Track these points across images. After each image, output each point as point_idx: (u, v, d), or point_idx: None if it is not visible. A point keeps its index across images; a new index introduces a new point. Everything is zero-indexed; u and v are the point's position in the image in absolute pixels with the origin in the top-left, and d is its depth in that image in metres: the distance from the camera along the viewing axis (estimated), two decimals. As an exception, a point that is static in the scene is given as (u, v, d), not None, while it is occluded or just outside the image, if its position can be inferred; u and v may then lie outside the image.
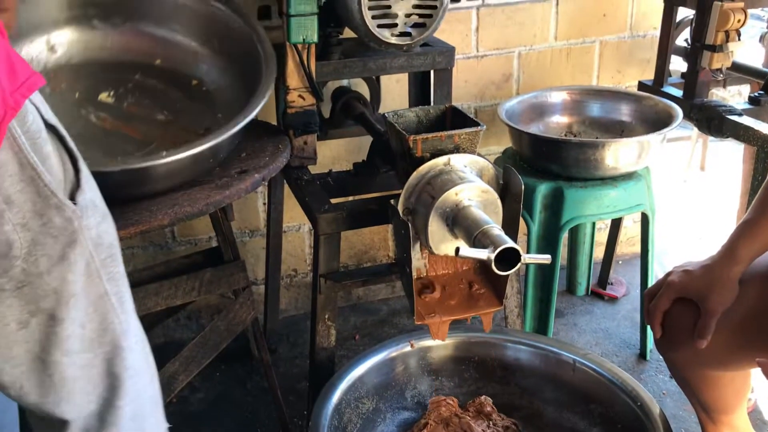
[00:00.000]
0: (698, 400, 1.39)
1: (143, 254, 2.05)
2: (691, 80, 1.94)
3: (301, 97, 1.54)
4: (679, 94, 1.98)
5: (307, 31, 1.46)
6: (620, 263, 2.46)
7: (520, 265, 1.12)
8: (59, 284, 0.86)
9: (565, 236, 1.81)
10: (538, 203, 1.77)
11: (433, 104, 1.70)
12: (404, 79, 1.92)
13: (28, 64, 0.84)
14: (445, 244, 1.25)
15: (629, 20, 2.22)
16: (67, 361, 0.90)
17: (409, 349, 1.55)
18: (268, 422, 1.85)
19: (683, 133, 2.95)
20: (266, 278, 2.05)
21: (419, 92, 1.80)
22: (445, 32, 1.91)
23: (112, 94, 1.44)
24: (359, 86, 1.83)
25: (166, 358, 1.42)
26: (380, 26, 1.48)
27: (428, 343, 1.55)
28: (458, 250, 1.11)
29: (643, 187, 1.81)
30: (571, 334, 2.15)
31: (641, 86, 2.09)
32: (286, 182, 1.73)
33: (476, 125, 1.31)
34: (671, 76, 2.07)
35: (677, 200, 2.85)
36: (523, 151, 1.83)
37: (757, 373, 1.16)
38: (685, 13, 2.01)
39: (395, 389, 1.54)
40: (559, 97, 2.00)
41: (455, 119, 1.39)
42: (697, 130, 2.01)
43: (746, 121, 1.79)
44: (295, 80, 1.52)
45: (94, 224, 0.89)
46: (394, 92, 2.02)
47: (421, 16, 1.50)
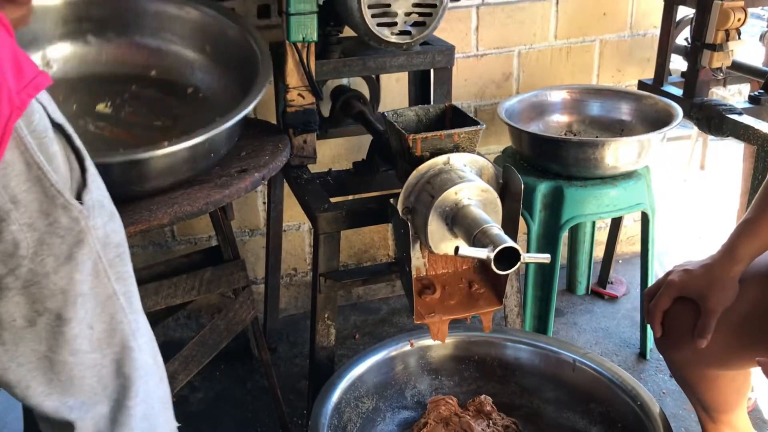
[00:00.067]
0: (698, 399, 1.39)
1: (143, 253, 2.05)
2: (691, 79, 1.94)
3: (300, 95, 1.54)
4: (679, 93, 1.98)
5: (306, 29, 1.46)
6: (620, 262, 2.46)
7: (519, 264, 1.12)
8: (66, 284, 0.86)
9: (564, 235, 1.81)
10: (537, 202, 1.77)
11: (432, 103, 1.69)
12: (404, 78, 1.92)
13: (34, 63, 0.83)
14: (444, 243, 1.25)
15: (629, 19, 2.22)
16: (74, 360, 0.89)
17: (408, 348, 1.55)
18: (267, 421, 1.85)
19: (683, 132, 2.93)
20: (266, 277, 2.04)
21: (419, 91, 1.80)
22: (444, 31, 1.91)
23: (109, 104, 1.45)
24: (359, 85, 1.82)
25: (165, 357, 1.38)
26: (380, 25, 1.48)
27: (428, 342, 1.54)
28: (458, 249, 1.11)
29: (643, 186, 1.81)
30: (571, 333, 2.15)
31: (641, 85, 2.09)
32: (285, 181, 1.73)
33: (476, 124, 1.31)
34: (671, 75, 2.07)
35: (677, 199, 2.84)
36: (522, 150, 1.83)
37: (757, 372, 1.16)
38: (685, 12, 2.01)
39: (395, 388, 1.54)
40: (559, 96, 1.99)
41: (455, 118, 1.39)
42: (697, 129, 2.01)
43: (746, 120, 1.79)
44: (294, 79, 1.52)
45: (101, 224, 0.88)
46: (393, 91, 2.02)
47: (420, 14, 1.50)
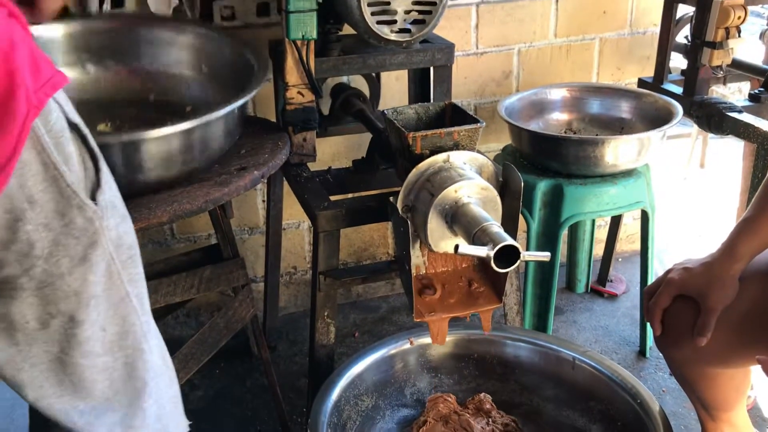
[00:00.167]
0: (698, 397, 1.39)
1: (142, 251, 2.00)
2: (691, 77, 1.94)
3: (300, 93, 1.54)
4: (679, 91, 1.97)
5: (306, 27, 1.45)
6: (620, 260, 2.46)
7: (519, 262, 1.12)
8: (80, 285, 0.85)
9: (564, 233, 1.81)
10: (537, 200, 1.77)
11: (432, 101, 1.69)
12: (404, 76, 1.92)
13: (51, 62, 0.82)
14: (444, 241, 1.25)
15: (629, 17, 2.22)
16: (86, 363, 0.89)
17: (408, 346, 1.55)
18: (267, 419, 1.85)
19: (683, 130, 2.94)
20: (266, 275, 2.04)
21: (419, 89, 1.79)
22: (444, 29, 1.90)
23: (109, 125, 1.46)
24: (358, 83, 1.82)
25: (165, 355, 1.41)
26: (379, 23, 1.48)
27: (427, 340, 1.54)
28: (457, 247, 1.11)
29: (642, 184, 1.81)
30: (570, 331, 2.15)
31: (641, 83, 2.09)
32: (285, 179, 1.73)
33: (476, 122, 1.31)
34: (671, 73, 2.07)
35: (677, 197, 2.84)
36: (522, 148, 1.83)
37: (756, 370, 1.16)
38: (685, 10, 2.01)
39: (394, 386, 1.54)
40: (558, 94, 1.99)
41: (455, 116, 1.39)
42: (697, 127, 2.01)
43: (746, 118, 1.78)
44: (294, 77, 1.52)
45: (114, 225, 0.88)
46: (393, 89, 2.01)
47: (420, 12, 1.50)
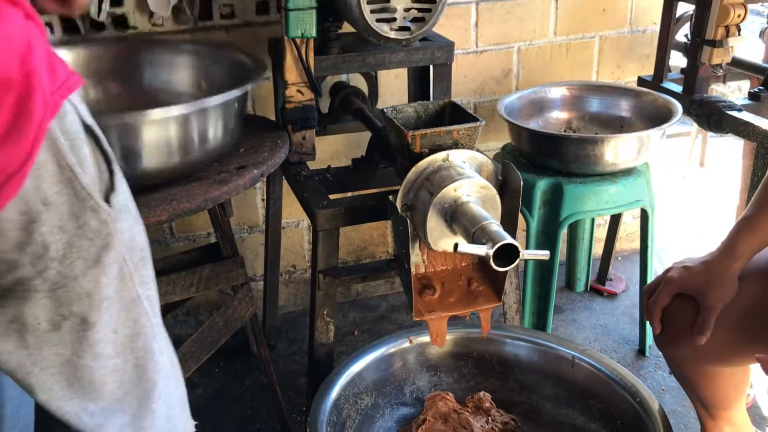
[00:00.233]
0: (697, 395, 1.39)
1: (142, 250, 2.04)
2: (690, 76, 1.94)
3: (299, 92, 1.53)
4: (678, 89, 1.97)
5: (305, 25, 1.45)
6: (619, 259, 2.46)
7: (518, 261, 1.11)
8: (92, 287, 0.84)
9: (564, 232, 1.81)
10: (537, 199, 1.77)
11: (432, 99, 1.69)
12: (403, 74, 1.91)
13: (66, 64, 0.82)
14: (443, 240, 1.25)
15: (629, 15, 2.22)
16: (97, 365, 0.88)
17: (407, 344, 1.55)
18: (267, 418, 1.85)
19: (683, 128, 2.95)
20: (265, 274, 2.04)
21: (418, 87, 1.79)
22: (444, 27, 1.90)
23: None
24: (358, 81, 1.82)
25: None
26: (379, 21, 1.47)
27: (427, 338, 1.54)
28: (457, 246, 1.11)
29: (642, 182, 1.81)
30: (570, 330, 2.15)
31: (641, 82, 2.09)
32: (284, 178, 1.73)
33: (475, 121, 1.31)
34: (671, 71, 2.07)
35: (677, 196, 2.85)
36: (522, 146, 1.83)
37: (756, 368, 1.15)
38: (684, 8, 2.01)
39: (394, 385, 1.53)
40: (558, 92, 1.99)
41: (454, 115, 1.38)
42: (696, 125, 2.00)
43: (746, 116, 1.78)
44: (293, 75, 1.51)
45: (127, 227, 0.88)
46: (393, 87, 2.01)
47: (420, 10, 1.49)
